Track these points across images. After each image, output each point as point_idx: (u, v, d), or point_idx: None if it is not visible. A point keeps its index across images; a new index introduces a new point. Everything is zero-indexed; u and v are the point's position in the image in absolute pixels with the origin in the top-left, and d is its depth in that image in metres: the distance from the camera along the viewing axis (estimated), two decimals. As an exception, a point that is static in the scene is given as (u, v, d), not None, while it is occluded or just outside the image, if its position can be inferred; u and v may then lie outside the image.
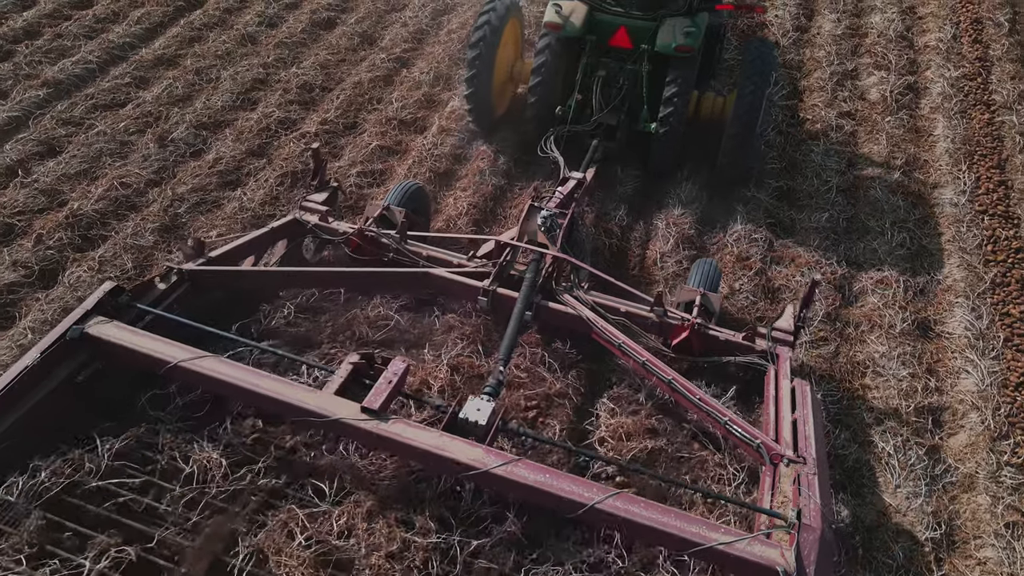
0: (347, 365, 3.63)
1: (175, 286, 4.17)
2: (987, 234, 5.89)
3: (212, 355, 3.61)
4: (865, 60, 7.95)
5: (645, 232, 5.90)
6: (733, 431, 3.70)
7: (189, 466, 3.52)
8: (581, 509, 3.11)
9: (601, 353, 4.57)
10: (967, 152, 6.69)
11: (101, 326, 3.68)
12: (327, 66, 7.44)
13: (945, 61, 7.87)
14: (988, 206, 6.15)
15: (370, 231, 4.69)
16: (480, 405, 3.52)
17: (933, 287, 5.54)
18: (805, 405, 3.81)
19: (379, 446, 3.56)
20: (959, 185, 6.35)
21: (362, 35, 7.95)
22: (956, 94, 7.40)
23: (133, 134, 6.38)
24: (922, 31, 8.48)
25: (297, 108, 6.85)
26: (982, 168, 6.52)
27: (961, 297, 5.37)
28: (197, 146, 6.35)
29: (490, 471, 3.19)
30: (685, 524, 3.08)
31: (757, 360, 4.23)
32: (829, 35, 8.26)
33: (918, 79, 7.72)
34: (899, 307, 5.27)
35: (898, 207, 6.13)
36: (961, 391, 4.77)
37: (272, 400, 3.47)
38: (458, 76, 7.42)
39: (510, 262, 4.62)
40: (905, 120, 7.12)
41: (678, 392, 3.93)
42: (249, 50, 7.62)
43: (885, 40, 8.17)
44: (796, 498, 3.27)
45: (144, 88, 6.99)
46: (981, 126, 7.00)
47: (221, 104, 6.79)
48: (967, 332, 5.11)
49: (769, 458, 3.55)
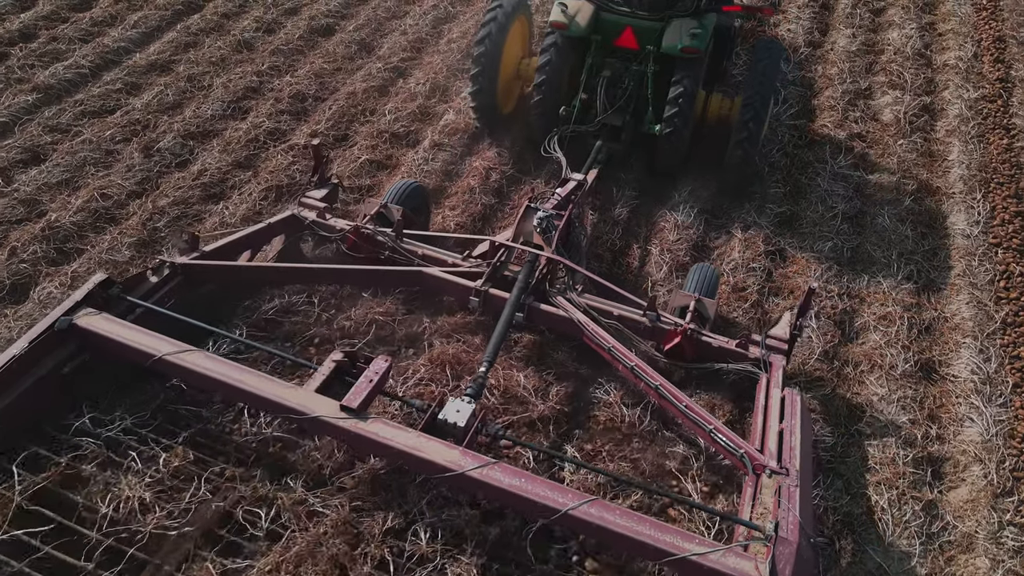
0: (330, 362, 3.66)
1: (167, 279, 4.23)
2: (1000, 269, 5.58)
3: (197, 350, 3.66)
4: (880, 78, 7.64)
5: (646, 236, 5.78)
6: (718, 439, 3.66)
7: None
8: (555, 514, 3.11)
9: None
10: (983, 179, 6.38)
11: (89, 317, 3.74)
12: (322, 75, 7.28)
13: (964, 81, 7.53)
14: (1003, 238, 5.83)
15: (366, 229, 4.70)
16: (460, 407, 3.50)
17: (939, 325, 5.25)
18: (794, 415, 3.74)
19: (357, 445, 3.58)
20: (973, 215, 6.05)
21: (360, 43, 7.79)
22: (974, 117, 7.07)
23: (119, 143, 6.26)
24: (941, 48, 8.15)
25: (288, 118, 6.70)
26: (998, 197, 6.20)
27: (969, 337, 5.08)
28: (183, 156, 6.22)
29: (465, 473, 3.20)
30: (658, 533, 3.06)
31: (750, 368, 4.17)
32: (843, 51, 7.95)
33: (935, 100, 7.40)
34: (902, 346, 4.99)
35: (906, 237, 5.84)
36: (964, 441, 4.49)
37: (253, 396, 3.51)
38: (455, 88, 7.26)
39: (504, 263, 4.62)
40: (919, 143, 6.81)
41: (665, 398, 3.89)
42: (244, 57, 7.48)
43: (902, 58, 7.85)
44: (776, 510, 3.23)
45: (135, 95, 6.88)
46: (999, 152, 6.67)
47: (211, 113, 6.66)
48: (973, 376, 4.82)
49: (752, 468, 3.50)
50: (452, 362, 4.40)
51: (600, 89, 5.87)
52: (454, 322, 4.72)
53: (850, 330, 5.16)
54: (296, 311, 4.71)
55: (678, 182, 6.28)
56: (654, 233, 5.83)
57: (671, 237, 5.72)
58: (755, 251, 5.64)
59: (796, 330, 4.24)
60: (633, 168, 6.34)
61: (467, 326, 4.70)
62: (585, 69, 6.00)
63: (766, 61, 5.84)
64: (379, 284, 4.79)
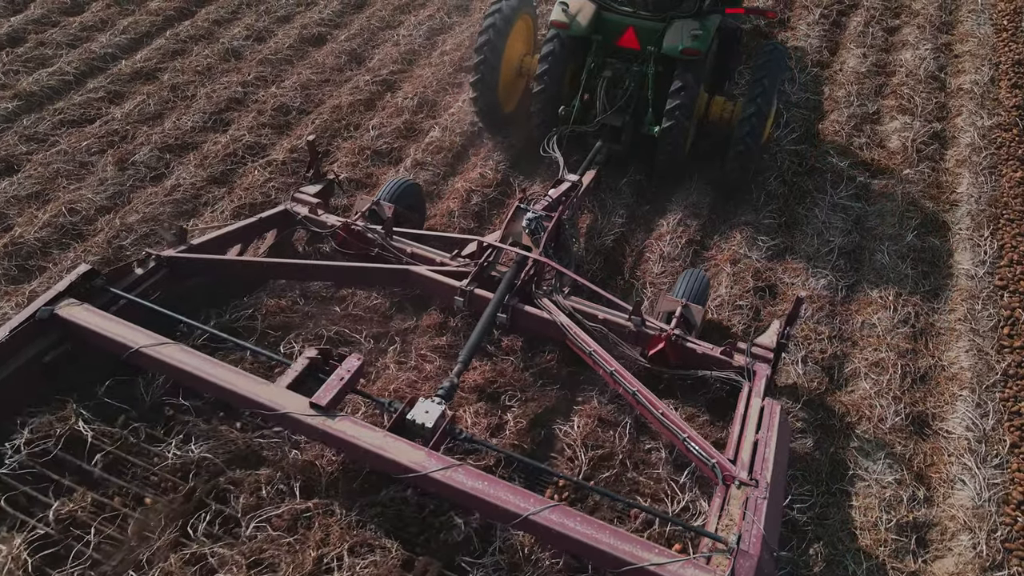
0: (303, 359, 3.70)
1: (152, 272, 4.25)
2: (1005, 315, 5.25)
3: (173, 343, 3.70)
4: (889, 102, 7.29)
5: (642, 240, 5.71)
6: (690, 448, 3.63)
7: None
8: (516, 519, 3.12)
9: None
10: (992, 215, 6.03)
11: (71, 308, 3.80)
12: (308, 86, 7.11)
13: (978, 107, 7.17)
14: (1010, 281, 5.49)
15: (356, 225, 4.73)
16: (429, 407, 3.51)
17: (936, 374, 4.94)
18: (771, 427, 3.71)
19: (324, 442, 3.60)
20: (979, 254, 5.71)
21: (351, 54, 7.60)
22: (987, 146, 6.71)
23: (94, 154, 6.13)
24: (957, 71, 7.78)
25: (269, 132, 6.53)
26: (1007, 235, 5.86)
27: (966, 389, 4.76)
28: (159, 170, 6.07)
29: (429, 475, 3.22)
30: (618, 542, 3.05)
31: (733, 376, 4.12)
32: (852, 72, 7.61)
33: (946, 127, 7.05)
34: (894, 396, 4.69)
35: (906, 276, 5.52)
36: (953, 505, 4.18)
37: (225, 390, 3.55)
38: (444, 103, 7.06)
39: (491, 263, 4.62)
40: (926, 174, 6.47)
41: (642, 404, 3.88)
42: (231, 66, 7.33)
43: (914, 80, 7.49)
44: (741, 522, 3.20)
45: (117, 103, 6.75)
46: (1012, 185, 6.31)
47: (191, 125, 6.51)
48: (968, 432, 4.51)
49: (722, 478, 3.46)
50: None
51: (600, 89, 5.83)
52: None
53: (839, 377, 4.86)
54: (285, 306, 4.74)
55: (674, 191, 6.16)
56: (650, 237, 5.71)
57: (667, 249, 5.57)
58: (743, 287, 5.36)
59: (784, 339, 4.19)
60: (632, 170, 6.22)
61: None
62: (586, 69, 5.95)
63: (769, 66, 5.74)
64: (366, 281, 4.82)
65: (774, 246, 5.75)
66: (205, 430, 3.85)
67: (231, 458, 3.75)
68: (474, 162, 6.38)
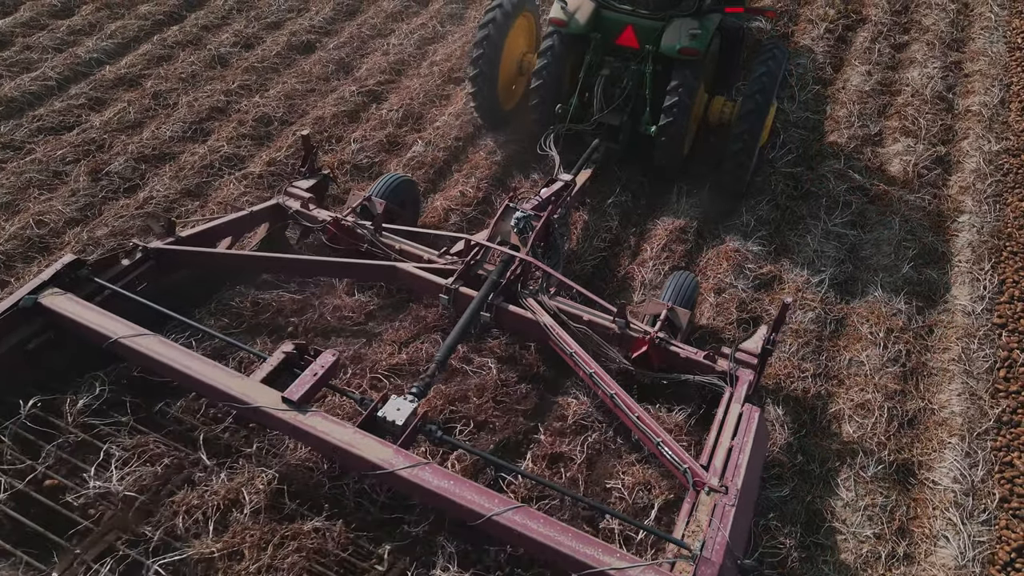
0: (279, 353, 3.71)
1: (138, 263, 4.30)
2: (1002, 356, 4.98)
3: (152, 334, 3.75)
4: (892, 123, 7.01)
5: (624, 265, 5.60)
6: (664, 452, 3.63)
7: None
8: (480, 519, 3.13)
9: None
10: (994, 247, 5.75)
11: (54, 297, 3.87)
12: (293, 96, 6.96)
13: (986, 131, 6.87)
14: (1009, 319, 5.22)
15: (346, 221, 4.73)
16: (401, 405, 3.52)
17: (925, 418, 4.69)
18: (747, 433, 3.68)
19: (295, 437, 3.64)
20: (978, 288, 5.44)
21: (338, 63, 7.45)
22: (993, 172, 6.42)
23: (69, 163, 6.01)
24: (966, 92, 7.47)
25: (249, 143, 6.39)
26: (1009, 269, 5.58)
27: (956, 436, 4.51)
28: (133, 181, 5.95)
29: (395, 472, 3.24)
30: (580, 545, 3.06)
31: (716, 381, 4.09)
32: (856, 91, 7.34)
33: (951, 151, 6.76)
34: (878, 441, 4.46)
35: (899, 311, 5.26)
36: (935, 564, 3.95)
37: (200, 383, 3.59)
38: (430, 116, 6.89)
39: (479, 262, 4.62)
40: (927, 201, 6.19)
41: (618, 407, 3.88)
42: (216, 74, 7.20)
43: (920, 101, 7.20)
44: (707, 528, 3.20)
45: (97, 111, 6.64)
46: (1017, 216, 6.03)
47: (170, 134, 6.38)
48: (955, 484, 4.27)
49: (693, 484, 3.46)
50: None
51: (598, 88, 5.80)
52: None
53: (822, 418, 4.63)
54: (273, 299, 4.78)
55: (662, 213, 6.01)
56: (633, 263, 5.56)
57: (649, 276, 5.41)
58: (727, 318, 5.14)
59: (769, 344, 4.15)
60: (618, 191, 6.08)
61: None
62: (584, 67, 5.93)
63: (769, 65, 5.66)
64: (353, 277, 4.86)
65: (762, 275, 5.52)
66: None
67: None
68: (456, 179, 6.20)
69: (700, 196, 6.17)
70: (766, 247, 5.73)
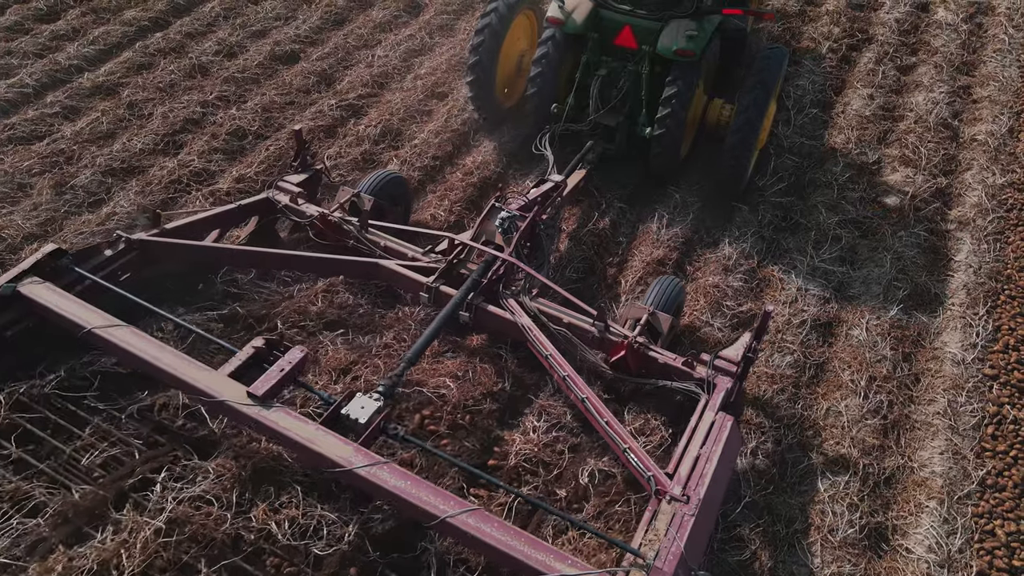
0: (249, 348, 3.73)
1: (121, 254, 4.34)
2: (991, 411, 4.68)
3: (125, 325, 3.78)
4: (892, 151, 6.69)
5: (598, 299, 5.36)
6: (629, 459, 3.63)
7: None
8: (434, 520, 3.15)
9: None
10: (991, 290, 5.43)
11: (33, 286, 3.94)
12: (271, 109, 6.79)
13: (991, 162, 6.53)
14: (1002, 370, 4.91)
15: (333, 216, 4.75)
16: (365, 403, 3.53)
17: (903, 477, 4.40)
18: (717, 442, 3.65)
19: (258, 432, 3.66)
20: (970, 335, 5.13)
21: (320, 74, 7.27)
22: (995, 208, 6.09)
23: (35, 175, 5.88)
24: (972, 119, 7.13)
25: (220, 158, 6.22)
26: (1005, 315, 5.26)
27: (935, 499, 4.22)
28: (98, 195, 5.80)
29: (353, 471, 3.25)
30: (532, 550, 3.06)
31: (693, 388, 4.04)
32: (856, 116, 7.03)
33: (952, 183, 6.43)
34: (850, 503, 4.18)
35: (884, 358, 4.97)
36: (902, 643, 3.68)
37: (168, 375, 3.62)
38: (408, 132, 6.71)
39: (461, 261, 4.64)
40: (922, 237, 5.88)
41: (589, 412, 3.88)
42: (195, 83, 7.05)
43: (923, 128, 6.88)
44: (663, 538, 3.18)
45: (70, 120, 6.52)
46: (1018, 256, 5.70)
47: (141, 146, 6.24)
48: (930, 554, 3.98)
49: (655, 492, 3.46)
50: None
51: (594, 88, 5.80)
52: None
53: (792, 473, 4.36)
54: (260, 293, 4.81)
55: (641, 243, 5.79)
56: (604, 298, 5.33)
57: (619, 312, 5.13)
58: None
59: (751, 352, 4.09)
60: (595, 218, 5.88)
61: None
62: (581, 67, 5.92)
63: (767, 66, 5.66)
64: (337, 273, 4.88)
65: (741, 313, 5.25)
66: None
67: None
68: (430, 200, 6.00)
69: (688, 213, 5.95)
70: (747, 283, 5.46)
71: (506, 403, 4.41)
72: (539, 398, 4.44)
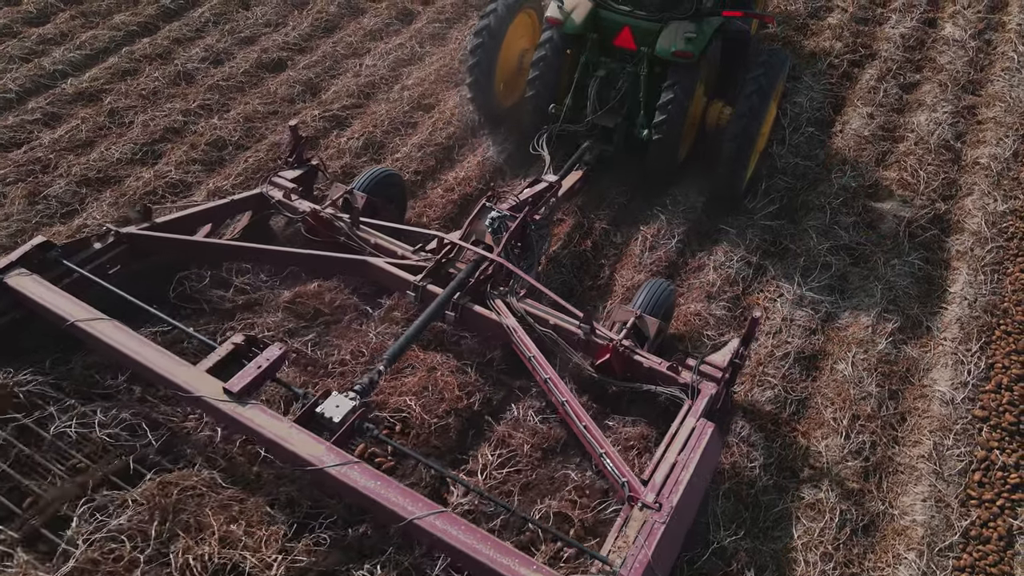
0: (228, 344, 3.75)
1: (110, 247, 4.37)
2: (979, 456, 4.46)
3: (108, 319, 3.80)
4: (890, 174, 6.47)
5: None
6: (605, 464, 3.63)
7: None
8: (401, 521, 3.15)
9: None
10: (985, 325, 5.21)
11: (20, 277, 3.96)
12: (253, 119, 6.68)
13: (993, 187, 6.29)
14: (992, 411, 4.69)
15: (325, 213, 4.78)
16: (340, 402, 3.54)
17: (883, 524, 4.20)
18: (695, 450, 3.61)
19: (232, 429, 3.69)
20: (961, 372, 4.91)
21: (306, 83, 7.14)
22: (995, 236, 5.85)
23: (9, 184, 5.80)
24: (976, 141, 6.88)
25: (198, 169, 6.12)
26: (999, 352, 5.04)
27: (914, 551, 4.02)
28: (72, 206, 5.71)
29: (324, 469, 3.25)
30: (498, 555, 3.05)
31: (677, 393, 4.01)
32: (854, 135, 6.81)
33: (951, 209, 6.20)
34: (824, 552, 3.99)
35: (868, 395, 4.76)
36: None
37: (147, 369, 3.64)
38: (392, 145, 6.59)
39: (450, 260, 4.65)
40: (916, 267, 5.66)
41: (568, 415, 3.88)
42: (179, 91, 6.95)
43: (923, 149, 6.64)
44: (631, 545, 3.17)
45: (50, 127, 6.43)
46: (1016, 289, 5.46)
47: (119, 156, 6.14)
48: (906, 611, 3.79)
49: (628, 498, 3.44)
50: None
51: (592, 89, 5.75)
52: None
53: (764, 518, 4.17)
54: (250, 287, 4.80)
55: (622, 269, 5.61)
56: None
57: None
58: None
59: (738, 359, 4.09)
60: (576, 240, 5.73)
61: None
62: (579, 67, 5.89)
63: (766, 69, 5.58)
64: (326, 270, 4.87)
65: (721, 344, 5.04)
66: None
67: None
68: (408, 217, 5.85)
69: (673, 236, 5.77)
70: (730, 311, 5.27)
71: (467, 422, 4.26)
72: (500, 423, 4.27)
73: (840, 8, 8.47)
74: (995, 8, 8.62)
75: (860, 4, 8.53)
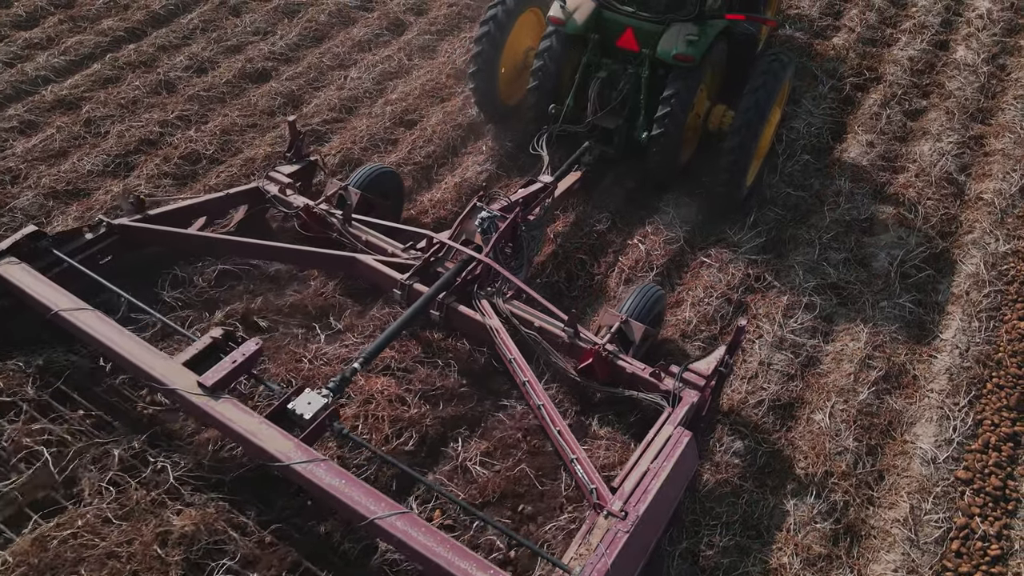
0: (206, 338, 3.82)
1: (101, 238, 4.46)
2: (959, 521, 4.18)
3: (91, 309, 3.88)
4: (887, 209, 6.17)
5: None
6: (576, 470, 3.61)
7: None
8: (363, 521, 3.19)
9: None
10: (976, 377, 4.91)
11: (8, 266, 4.04)
12: (230, 131, 6.54)
13: (995, 226, 5.97)
14: (977, 473, 4.41)
15: (318, 209, 4.82)
16: (312, 399, 3.57)
17: (849, 595, 3.95)
18: (669, 458, 3.57)
19: (204, 422, 3.78)
20: (946, 428, 4.62)
21: (288, 96, 6.99)
22: (994, 280, 5.54)
23: (-24, 196, 5.73)
24: (981, 175, 6.55)
25: (169, 183, 5.99)
26: (989, 408, 4.74)
27: (880, 627, 3.77)
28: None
29: (292, 466, 3.30)
30: (455, 558, 3.06)
31: (658, 400, 4.01)
32: (852, 165, 6.51)
33: (949, 247, 5.89)
34: (783, 624, 3.75)
35: (845, 450, 4.50)
36: None
37: (124, 360, 3.71)
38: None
39: (439, 259, 4.67)
40: (907, 310, 5.37)
41: (544, 419, 3.90)
42: (158, 100, 6.84)
43: (924, 182, 6.33)
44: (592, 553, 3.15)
45: (25, 135, 6.35)
46: (1012, 339, 5.15)
47: (90, 167, 6.04)
48: None
49: (595, 505, 3.42)
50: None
51: (592, 89, 5.73)
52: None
53: (721, 584, 3.94)
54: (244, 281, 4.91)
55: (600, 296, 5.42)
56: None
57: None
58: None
59: (724, 367, 4.05)
60: (551, 271, 5.52)
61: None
62: (580, 68, 5.85)
63: (767, 74, 5.49)
64: (316, 266, 4.92)
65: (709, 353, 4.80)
66: None
67: None
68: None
69: (652, 268, 5.54)
70: (705, 352, 5.01)
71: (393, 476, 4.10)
72: (438, 466, 4.13)
73: (848, 28, 8.14)
74: (1012, 31, 8.24)
75: (869, 24, 8.20)
